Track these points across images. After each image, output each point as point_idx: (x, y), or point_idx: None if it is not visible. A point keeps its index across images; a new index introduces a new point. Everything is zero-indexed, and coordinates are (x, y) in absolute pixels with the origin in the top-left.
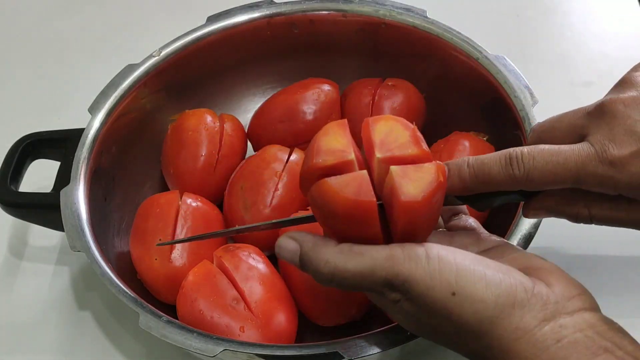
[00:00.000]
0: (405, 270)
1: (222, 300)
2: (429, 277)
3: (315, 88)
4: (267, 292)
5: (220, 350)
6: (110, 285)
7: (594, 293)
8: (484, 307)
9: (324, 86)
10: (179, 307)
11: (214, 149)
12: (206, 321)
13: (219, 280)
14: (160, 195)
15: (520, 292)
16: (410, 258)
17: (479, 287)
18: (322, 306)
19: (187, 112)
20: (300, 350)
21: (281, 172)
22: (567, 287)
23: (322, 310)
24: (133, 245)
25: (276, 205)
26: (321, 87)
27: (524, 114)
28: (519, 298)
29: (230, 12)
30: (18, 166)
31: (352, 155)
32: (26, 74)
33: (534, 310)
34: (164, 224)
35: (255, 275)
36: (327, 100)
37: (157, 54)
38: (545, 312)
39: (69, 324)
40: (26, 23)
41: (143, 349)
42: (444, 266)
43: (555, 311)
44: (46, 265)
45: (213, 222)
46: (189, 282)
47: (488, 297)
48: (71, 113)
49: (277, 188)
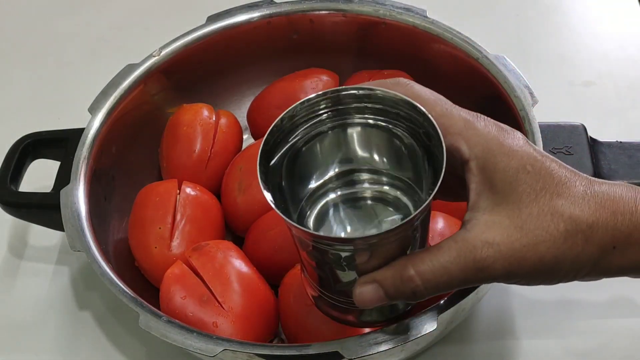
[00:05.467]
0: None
1: (194, 299)
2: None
3: (314, 77)
4: (238, 287)
5: (220, 350)
6: (110, 285)
7: (593, 292)
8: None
9: (323, 76)
10: (161, 308)
11: (207, 146)
12: (183, 319)
13: (189, 279)
14: (158, 183)
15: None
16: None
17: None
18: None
19: (185, 106)
20: (300, 350)
21: None
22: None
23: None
24: (132, 233)
25: None
26: (320, 76)
27: (524, 114)
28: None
29: (230, 12)
30: (18, 166)
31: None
32: (26, 74)
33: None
34: (163, 212)
35: (224, 272)
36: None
37: (157, 53)
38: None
39: (69, 324)
40: (26, 23)
41: (143, 349)
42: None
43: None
44: (46, 265)
45: (212, 211)
46: (164, 283)
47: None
48: (71, 113)
49: None
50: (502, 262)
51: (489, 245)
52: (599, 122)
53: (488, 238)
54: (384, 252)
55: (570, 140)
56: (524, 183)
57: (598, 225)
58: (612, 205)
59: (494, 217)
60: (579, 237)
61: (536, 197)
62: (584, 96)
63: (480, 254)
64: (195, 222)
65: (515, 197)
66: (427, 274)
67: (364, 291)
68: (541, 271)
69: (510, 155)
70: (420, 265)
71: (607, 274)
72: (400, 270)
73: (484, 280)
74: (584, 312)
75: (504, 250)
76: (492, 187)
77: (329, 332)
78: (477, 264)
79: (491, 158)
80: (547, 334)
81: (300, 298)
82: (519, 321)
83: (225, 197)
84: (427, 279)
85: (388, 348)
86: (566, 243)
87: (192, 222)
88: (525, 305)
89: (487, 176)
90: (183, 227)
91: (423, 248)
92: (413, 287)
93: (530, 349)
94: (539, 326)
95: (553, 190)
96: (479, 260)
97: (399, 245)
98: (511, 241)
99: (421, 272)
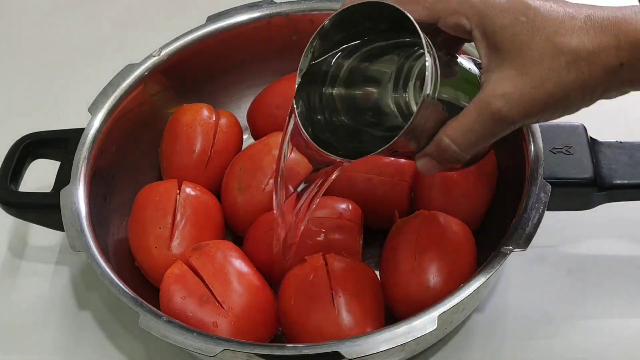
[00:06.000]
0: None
1: (194, 299)
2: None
3: None
4: (238, 287)
5: (220, 350)
6: (110, 285)
7: (594, 292)
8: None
9: None
10: (162, 308)
11: (207, 146)
12: (183, 319)
13: (189, 279)
14: (158, 183)
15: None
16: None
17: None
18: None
19: (185, 106)
20: (300, 350)
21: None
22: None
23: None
24: (132, 233)
25: (269, 191)
26: None
27: None
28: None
29: (230, 12)
30: (18, 166)
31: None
32: (26, 73)
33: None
34: (163, 212)
35: (223, 271)
36: None
37: (157, 53)
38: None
39: (69, 324)
40: (26, 23)
41: (143, 349)
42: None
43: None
44: (46, 265)
45: (212, 211)
46: (164, 283)
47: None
48: (71, 113)
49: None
50: (516, 108)
51: (500, 97)
52: (599, 122)
53: (498, 91)
54: (423, 132)
55: (570, 140)
56: (521, 34)
57: (600, 49)
58: (614, 28)
59: (502, 72)
60: (582, 65)
61: (535, 42)
62: None
63: (494, 107)
64: (195, 222)
65: (516, 49)
66: (459, 138)
67: (421, 164)
68: (554, 105)
69: (503, 13)
70: (451, 133)
71: (624, 88)
72: (438, 142)
73: (506, 128)
74: (584, 312)
75: (515, 97)
76: (496, 47)
77: (329, 332)
78: (494, 117)
79: (488, 22)
80: (547, 334)
81: (300, 298)
82: (518, 321)
83: (225, 197)
84: (460, 143)
85: (388, 348)
86: (570, 74)
87: (192, 222)
88: (525, 305)
89: (489, 39)
90: (183, 227)
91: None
92: (452, 153)
93: (531, 349)
94: (539, 326)
95: (550, 31)
96: (495, 112)
97: (433, 122)
98: (519, 88)
99: (453, 138)
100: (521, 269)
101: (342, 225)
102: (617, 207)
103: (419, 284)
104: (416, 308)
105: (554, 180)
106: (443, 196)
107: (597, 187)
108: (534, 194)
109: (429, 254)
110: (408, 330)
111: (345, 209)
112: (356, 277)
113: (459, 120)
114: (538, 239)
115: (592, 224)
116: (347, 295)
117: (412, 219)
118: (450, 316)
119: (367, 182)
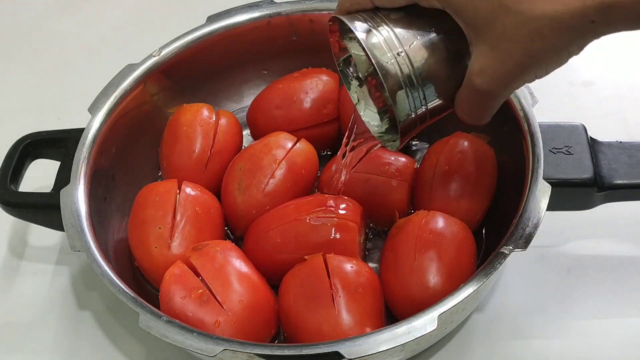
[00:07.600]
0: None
1: (194, 298)
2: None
3: (314, 77)
4: (238, 287)
5: (220, 350)
6: (110, 285)
7: (593, 292)
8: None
9: (322, 76)
10: (162, 308)
11: (206, 146)
12: (183, 319)
13: (189, 279)
14: (158, 183)
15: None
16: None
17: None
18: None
19: (185, 106)
20: (300, 350)
21: (281, 159)
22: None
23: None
24: (131, 233)
25: (269, 191)
26: (320, 76)
27: (523, 113)
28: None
29: (230, 12)
30: (18, 166)
31: None
32: (26, 74)
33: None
34: (163, 212)
35: (223, 271)
36: (324, 89)
37: (157, 53)
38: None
39: (69, 324)
40: (26, 23)
41: (143, 349)
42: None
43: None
44: (46, 265)
45: (212, 211)
46: (164, 283)
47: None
48: (71, 113)
49: (273, 175)
50: (493, 83)
51: (477, 73)
52: (599, 122)
53: (475, 68)
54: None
55: (570, 140)
56: (485, 10)
57: (563, 13)
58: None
59: (478, 47)
60: (545, 31)
61: (498, 18)
62: (584, 96)
63: (475, 83)
64: (195, 222)
65: (485, 26)
66: (465, 109)
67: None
68: (528, 71)
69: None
70: (457, 106)
71: (607, 33)
72: (461, 116)
73: (492, 102)
74: (584, 312)
75: (490, 72)
76: (471, 25)
77: (329, 332)
78: (478, 93)
79: (456, 3)
80: (547, 334)
81: (300, 298)
82: (518, 321)
83: (225, 197)
84: (466, 111)
85: (388, 348)
86: (535, 42)
87: (192, 222)
88: (525, 305)
89: (463, 18)
90: (183, 227)
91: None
92: (464, 118)
93: (531, 349)
94: (539, 326)
95: (511, 5)
96: (478, 89)
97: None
98: (493, 63)
99: (460, 109)
100: (521, 269)
101: (342, 225)
102: (617, 207)
103: (419, 284)
104: (416, 308)
105: (554, 180)
106: (443, 196)
107: (597, 187)
108: (534, 194)
109: (429, 254)
110: (408, 330)
111: (345, 208)
112: (356, 277)
113: (459, 95)
114: (538, 239)
115: (592, 224)
116: (347, 295)
117: (412, 219)
118: (450, 316)
119: (367, 182)
